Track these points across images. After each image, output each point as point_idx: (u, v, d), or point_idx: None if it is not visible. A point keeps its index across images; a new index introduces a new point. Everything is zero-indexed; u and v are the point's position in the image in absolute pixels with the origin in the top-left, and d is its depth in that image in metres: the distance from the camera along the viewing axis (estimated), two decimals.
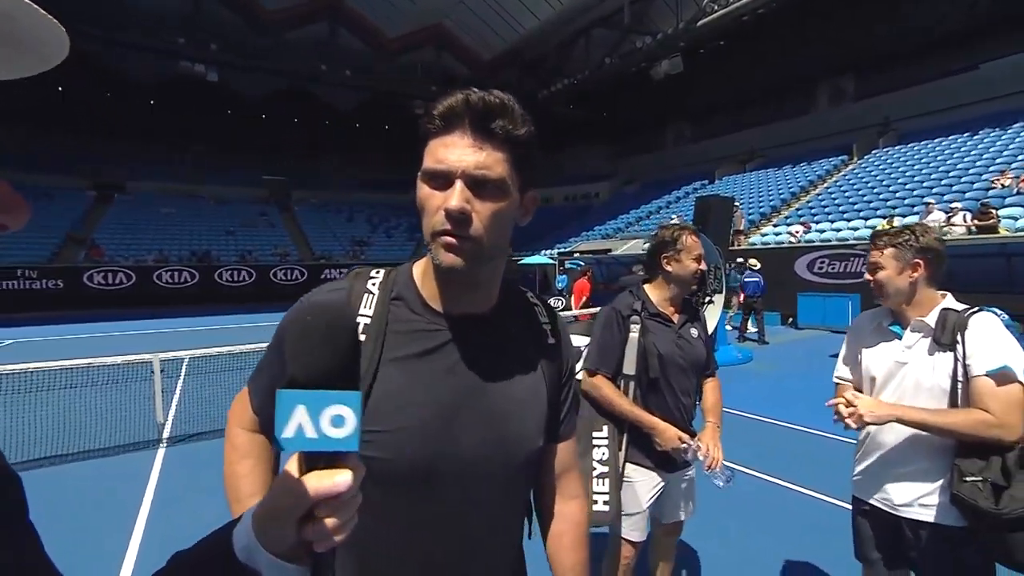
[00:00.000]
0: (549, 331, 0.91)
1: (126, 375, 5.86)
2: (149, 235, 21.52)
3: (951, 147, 15.77)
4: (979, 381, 1.43)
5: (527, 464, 0.84)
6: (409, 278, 0.83)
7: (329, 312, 0.53)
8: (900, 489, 1.58)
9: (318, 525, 0.45)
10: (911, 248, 1.56)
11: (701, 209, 9.79)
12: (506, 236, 0.78)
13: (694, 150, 28.27)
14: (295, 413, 0.44)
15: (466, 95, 0.71)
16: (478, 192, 0.71)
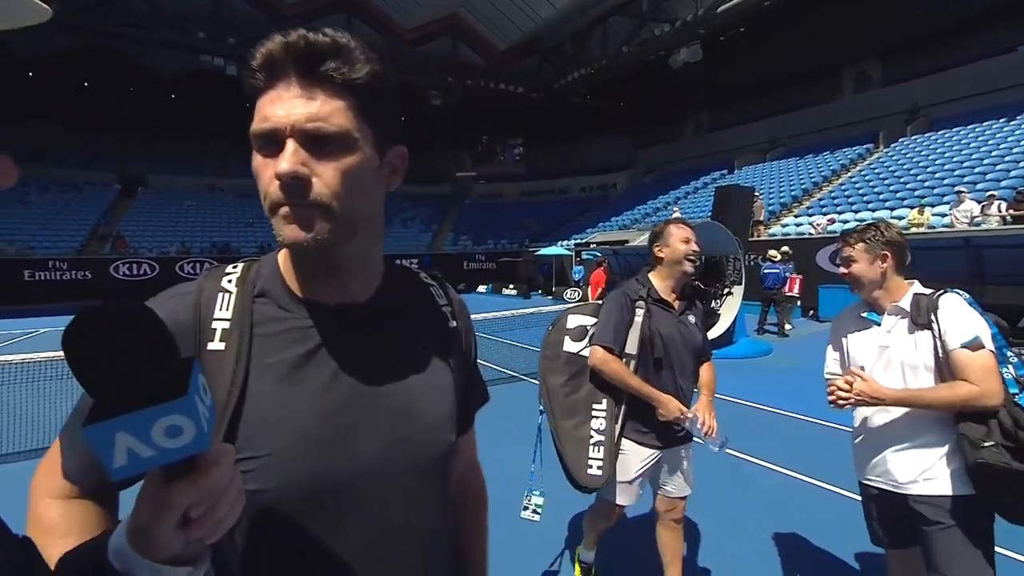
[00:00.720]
0: (449, 313, 0.81)
1: None
2: (171, 227, 22.02)
3: (985, 134, 15.17)
4: (956, 353, 1.56)
5: (440, 462, 0.74)
6: (275, 270, 0.70)
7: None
8: (902, 466, 1.66)
9: (200, 524, 0.43)
10: (878, 242, 1.73)
11: (720, 199, 9.64)
12: (366, 201, 0.65)
13: (713, 139, 27.76)
14: (118, 440, 0.37)
15: (284, 37, 0.59)
16: (316, 150, 0.59)
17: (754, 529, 2.99)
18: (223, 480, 0.44)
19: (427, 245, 25.08)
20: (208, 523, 0.43)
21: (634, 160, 31.86)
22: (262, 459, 0.61)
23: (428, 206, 29.88)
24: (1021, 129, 14.30)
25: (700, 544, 2.85)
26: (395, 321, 0.73)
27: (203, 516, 0.43)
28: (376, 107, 0.64)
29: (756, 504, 3.29)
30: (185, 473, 0.41)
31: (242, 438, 0.61)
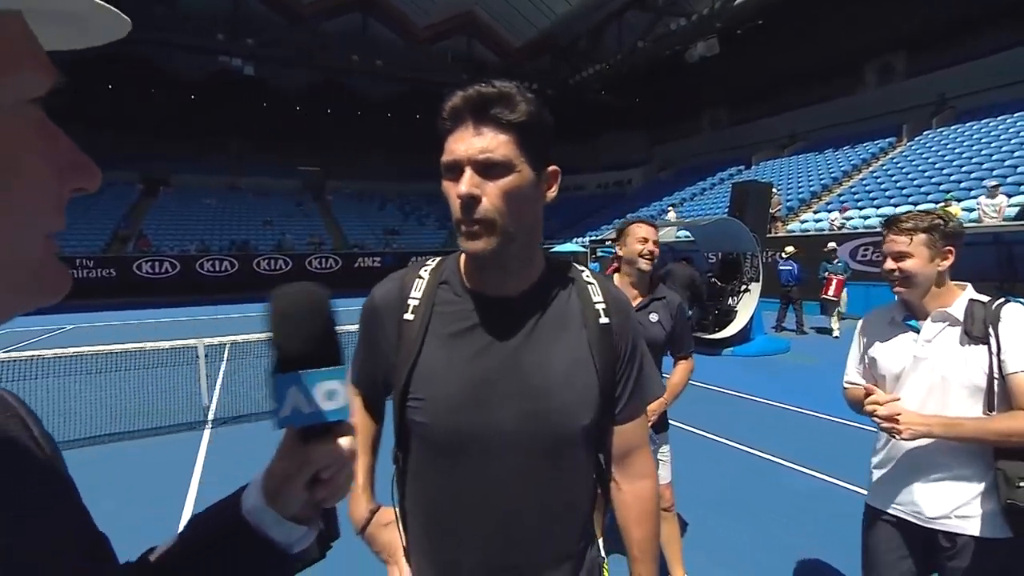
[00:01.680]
0: (603, 311, 0.91)
1: (174, 359, 6.16)
2: (192, 226, 22.43)
3: (1016, 125, 14.66)
4: (1020, 378, 1.33)
5: (576, 439, 0.86)
6: (456, 264, 0.92)
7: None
8: (934, 499, 1.45)
9: (326, 486, 0.50)
10: (942, 234, 1.46)
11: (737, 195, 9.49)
12: (527, 214, 0.82)
13: (730, 135, 27.32)
14: (288, 394, 0.48)
15: (464, 92, 0.78)
16: (486, 174, 0.77)
17: (778, 530, 2.95)
18: (350, 451, 0.51)
19: (443, 242, 25.19)
20: (332, 486, 0.50)
21: (650, 156, 31.54)
22: (424, 400, 0.84)
23: (443, 204, 29.74)
24: None
25: (720, 542, 2.82)
26: (543, 312, 0.88)
27: (331, 479, 0.50)
28: (532, 138, 0.80)
29: (778, 503, 3.25)
30: (323, 436, 0.49)
31: (415, 382, 0.84)
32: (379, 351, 0.92)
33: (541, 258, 0.91)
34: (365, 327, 0.96)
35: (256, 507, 0.49)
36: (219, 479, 3.72)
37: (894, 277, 1.51)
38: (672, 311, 2.22)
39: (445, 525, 0.86)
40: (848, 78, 22.56)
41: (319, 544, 0.53)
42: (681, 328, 2.24)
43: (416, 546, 0.91)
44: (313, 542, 0.52)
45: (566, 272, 0.94)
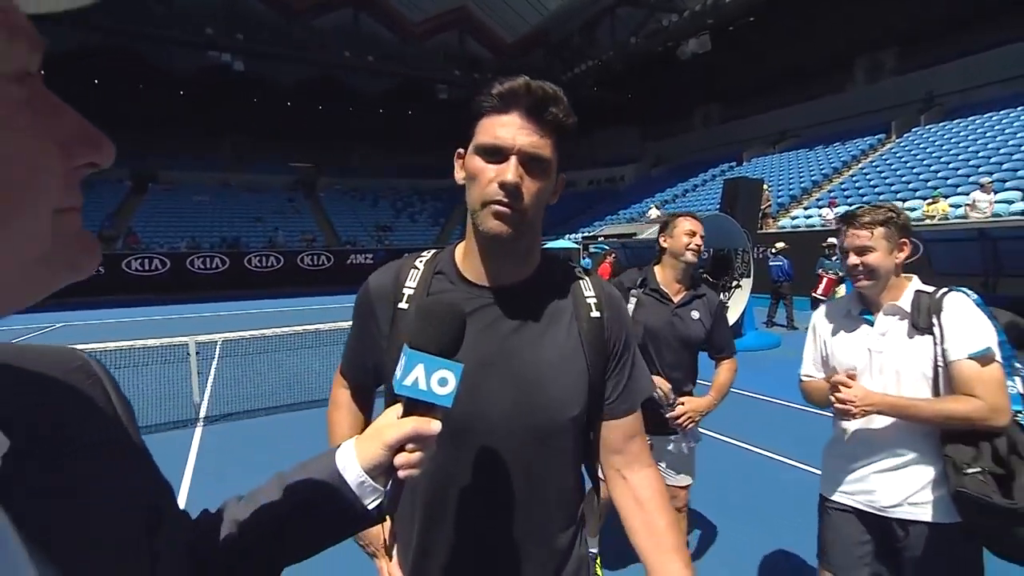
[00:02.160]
0: (594, 305, 0.92)
1: (164, 357, 6.11)
2: (182, 223, 22.20)
3: (1002, 123, 14.85)
4: (963, 365, 1.37)
5: (565, 430, 0.87)
6: (451, 256, 0.93)
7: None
8: (888, 488, 1.49)
9: (408, 455, 0.58)
10: (898, 228, 1.51)
11: (729, 191, 9.54)
12: (542, 213, 0.86)
13: (722, 131, 27.43)
14: (415, 368, 0.60)
15: (527, 82, 0.79)
16: (529, 170, 0.79)
17: (774, 522, 2.99)
18: (435, 436, 0.60)
19: (435, 239, 25.12)
20: (411, 460, 0.59)
21: (643, 153, 31.60)
22: None
23: (437, 200, 29.92)
24: None
25: (710, 532, 2.85)
26: (536, 304, 0.89)
27: (411, 455, 0.59)
28: (564, 144, 0.84)
29: (771, 496, 3.29)
30: (423, 414, 0.60)
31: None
32: (372, 340, 0.93)
33: (538, 253, 0.92)
34: (359, 316, 0.96)
35: (347, 457, 0.59)
36: (211, 477, 3.70)
37: (859, 272, 1.52)
38: (712, 309, 2.20)
39: (435, 514, 0.87)
40: (838, 75, 22.71)
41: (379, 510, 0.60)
42: (722, 327, 2.21)
43: (405, 535, 0.92)
44: (377, 505, 0.59)
45: (560, 267, 0.96)
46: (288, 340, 6.83)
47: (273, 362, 6.64)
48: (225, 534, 0.56)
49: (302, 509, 0.58)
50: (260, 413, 5.12)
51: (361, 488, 0.58)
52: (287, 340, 6.83)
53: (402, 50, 26.92)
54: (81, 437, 0.40)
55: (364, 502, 0.58)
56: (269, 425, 4.82)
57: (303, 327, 5.95)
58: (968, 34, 18.40)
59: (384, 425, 0.61)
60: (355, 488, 0.58)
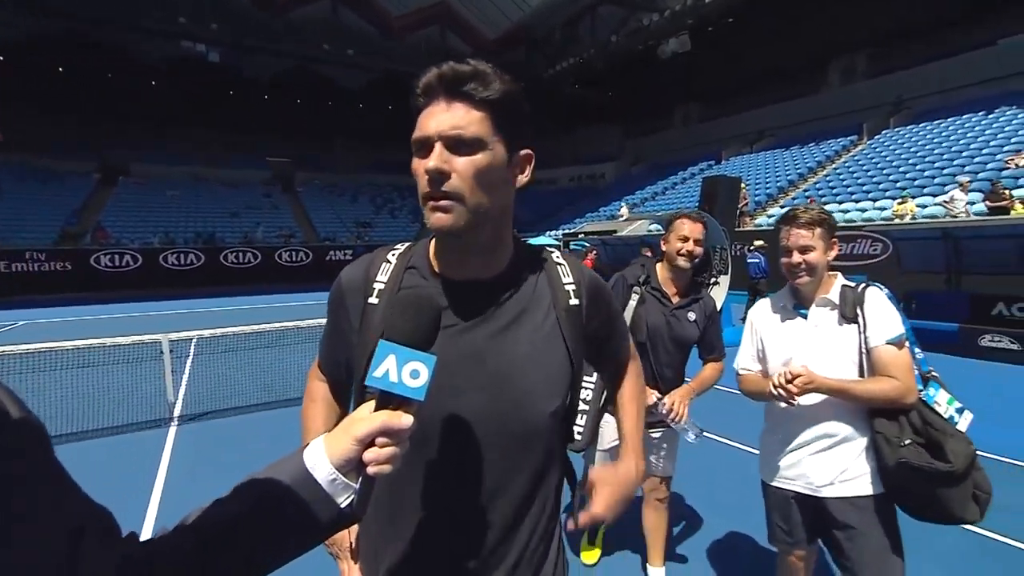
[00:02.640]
0: (572, 292, 0.90)
1: (136, 355, 5.95)
2: (154, 218, 21.57)
3: (966, 126, 15.41)
4: (881, 350, 1.54)
5: (544, 425, 0.85)
6: (425, 249, 0.90)
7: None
8: (820, 468, 1.62)
9: (378, 450, 0.57)
10: (830, 228, 1.64)
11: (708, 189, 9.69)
12: (497, 195, 0.79)
13: (701, 130, 27.81)
14: (386, 360, 0.59)
15: (439, 69, 0.76)
16: (455, 151, 0.75)
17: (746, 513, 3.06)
18: (408, 432, 0.59)
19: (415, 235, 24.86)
20: (382, 455, 0.57)
21: (623, 150, 31.84)
22: None
23: (416, 196, 29.41)
24: (999, 122, 14.57)
25: (688, 523, 2.91)
26: (513, 297, 0.86)
27: (382, 450, 0.58)
28: (506, 118, 0.78)
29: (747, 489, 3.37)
30: (394, 409, 0.59)
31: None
32: (343, 335, 0.90)
33: (511, 243, 0.88)
34: (331, 311, 0.93)
35: (316, 452, 0.57)
36: (185, 477, 3.63)
37: (800, 269, 1.64)
38: (707, 312, 2.27)
39: (409, 513, 0.84)
40: (813, 77, 23.23)
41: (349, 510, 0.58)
42: (713, 330, 2.28)
43: (375, 538, 0.88)
44: (349, 504, 0.57)
45: (536, 256, 0.93)
46: (266, 337, 6.72)
47: (251, 360, 6.53)
48: (183, 549, 0.51)
49: (270, 514, 0.55)
50: (237, 412, 5.03)
51: (333, 486, 0.56)
52: (265, 337, 6.72)
53: (383, 44, 26.59)
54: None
55: (337, 500, 0.56)
56: (246, 424, 4.74)
57: (281, 324, 5.86)
58: (934, 41, 19.03)
59: (354, 419, 0.59)
60: (326, 487, 0.56)
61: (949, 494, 1.43)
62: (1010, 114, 14.81)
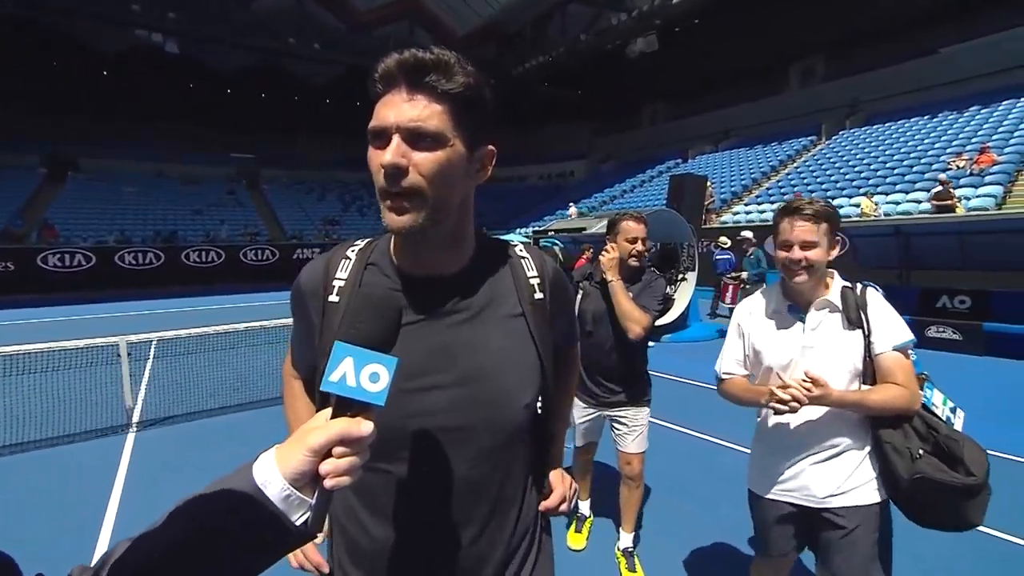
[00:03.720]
0: (537, 286, 0.89)
1: (90, 359, 5.68)
2: (109, 215, 20.57)
3: (912, 129, 16.24)
4: (888, 356, 1.45)
5: (515, 421, 0.83)
6: (386, 245, 0.86)
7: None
8: (821, 480, 1.52)
9: (335, 461, 0.53)
10: (835, 224, 1.49)
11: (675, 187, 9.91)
12: (457, 191, 0.77)
13: (669, 129, 28.40)
14: (343, 363, 0.55)
15: (399, 56, 0.72)
16: (415, 144, 0.72)
17: (719, 503, 3.16)
18: (368, 441, 0.55)
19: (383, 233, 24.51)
20: (340, 467, 0.53)
21: (592, 148, 32.19)
22: None
23: None
24: (942, 126, 15.42)
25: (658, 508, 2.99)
26: (478, 292, 0.84)
27: (340, 460, 0.53)
28: (468, 112, 0.75)
29: (716, 481, 3.47)
30: (353, 416, 0.55)
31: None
32: (307, 335, 0.88)
33: (473, 237, 0.87)
34: (294, 310, 0.91)
35: (266, 465, 0.53)
36: (145, 484, 3.49)
37: (800, 266, 1.47)
38: (659, 292, 2.42)
39: (385, 517, 0.81)
40: (775, 79, 24.06)
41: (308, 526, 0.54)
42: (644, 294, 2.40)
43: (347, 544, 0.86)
44: (304, 521, 0.53)
45: (500, 250, 0.91)
46: (231, 338, 6.53)
47: (215, 361, 6.32)
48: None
49: (215, 540, 0.50)
50: (201, 415, 4.87)
51: (287, 503, 0.51)
52: (230, 338, 6.52)
53: (350, 39, 26.03)
54: None
55: (291, 518, 0.51)
56: (211, 428, 4.60)
57: (246, 324, 5.69)
58: (885, 47, 20.00)
59: (309, 428, 0.55)
60: (279, 503, 0.51)
61: (970, 505, 1.36)
62: (951, 118, 15.71)
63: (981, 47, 17.49)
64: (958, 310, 7.44)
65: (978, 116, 15.08)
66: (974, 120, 14.89)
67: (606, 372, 2.46)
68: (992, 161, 11.76)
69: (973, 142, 13.28)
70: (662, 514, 3.04)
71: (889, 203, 11.80)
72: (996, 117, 14.50)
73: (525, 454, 0.89)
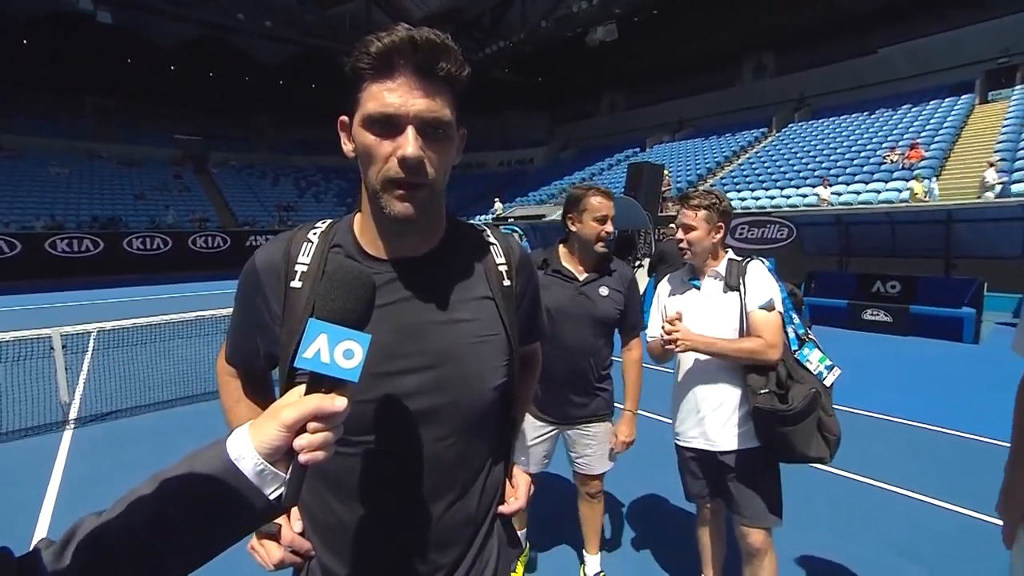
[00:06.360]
0: (505, 272, 0.87)
1: (20, 352, 5.30)
2: (36, 198, 19.05)
3: (853, 124, 17.17)
4: (755, 313, 1.74)
5: (486, 405, 0.82)
6: (349, 227, 0.83)
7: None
8: (716, 427, 1.83)
9: (309, 436, 0.53)
10: (718, 212, 1.81)
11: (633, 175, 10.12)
12: (446, 177, 0.78)
13: (627, 118, 28.86)
14: (318, 339, 0.55)
15: (410, 34, 0.67)
16: (429, 138, 0.70)
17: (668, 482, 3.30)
18: (342, 416, 0.55)
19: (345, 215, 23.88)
20: (314, 442, 0.53)
21: (552, 136, 32.31)
22: None
23: (343, 179, 28.42)
24: (880, 121, 16.39)
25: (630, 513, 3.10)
26: (447, 275, 0.82)
27: (315, 435, 0.53)
28: (460, 98, 0.74)
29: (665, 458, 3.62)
30: (326, 391, 0.55)
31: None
32: (261, 322, 0.81)
33: (443, 219, 0.85)
34: (244, 295, 0.83)
35: (240, 440, 0.53)
36: (82, 483, 3.33)
37: (683, 247, 1.86)
38: (625, 283, 2.07)
39: (346, 498, 0.79)
40: (729, 72, 24.85)
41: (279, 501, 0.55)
42: (633, 303, 2.09)
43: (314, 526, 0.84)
44: (279, 496, 0.54)
45: (468, 233, 0.89)
46: (178, 329, 6.23)
47: (162, 352, 6.04)
48: (78, 559, 0.45)
49: (190, 509, 0.50)
50: (147, 409, 4.66)
51: (260, 477, 0.52)
52: (177, 329, 6.23)
53: (303, 16, 24.91)
54: None
55: (265, 492, 0.53)
56: (158, 421, 4.41)
57: (194, 314, 5.45)
58: (831, 45, 21.02)
59: (282, 404, 0.55)
60: (253, 478, 0.52)
61: (792, 433, 1.64)
62: (888, 115, 16.69)
63: (913, 49, 18.67)
64: (890, 294, 8.00)
65: (909, 114, 16.09)
66: (906, 117, 15.88)
67: (570, 379, 2.05)
68: (920, 156, 12.61)
69: (905, 138, 14.17)
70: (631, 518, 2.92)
71: (832, 193, 12.45)
72: (924, 115, 15.54)
73: (491, 436, 0.88)
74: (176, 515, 0.50)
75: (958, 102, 15.66)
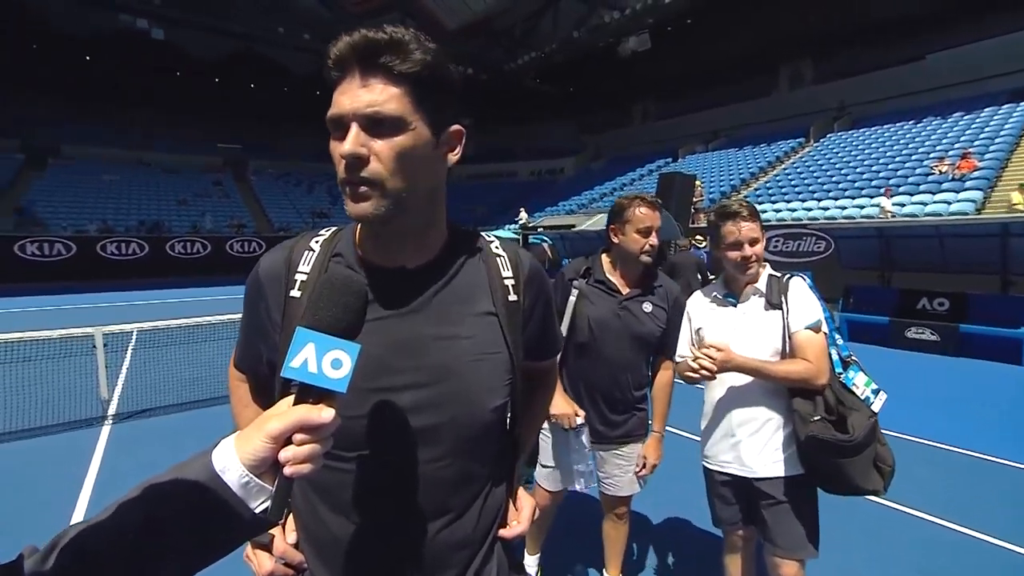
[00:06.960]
0: (512, 287, 0.84)
1: (66, 350, 5.57)
2: (90, 203, 20.17)
3: (898, 133, 16.47)
4: (800, 334, 1.65)
5: (485, 423, 0.79)
6: (351, 235, 0.82)
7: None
8: (752, 452, 1.73)
9: (295, 448, 0.52)
10: (761, 220, 1.75)
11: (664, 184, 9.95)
12: (422, 177, 0.73)
13: (659, 128, 28.52)
14: (305, 349, 0.54)
15: (352, 35, 0.68)
16: (374, 132, 0.68)
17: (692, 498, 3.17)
18: (330, 428, 0.54)
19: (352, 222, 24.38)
20: (300, 454, 0.52)
21: (582, 145, 32.22)
22: None
23: None
24: (926, 131, 15.66)
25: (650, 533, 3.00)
26: (447, 287, 0.79)
27: (301, 447, 0.52)
28: (430, 93, 0.71)
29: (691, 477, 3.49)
30: (315, 403, 0.54)
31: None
32: (264, 329, 0.81)
33: (444, 227, 0.82)
34: (249, 302, 0.83)
35: (225, 451, 0.52)
36: (117, 478, 3.43)
37: (753, 261, 1.72)
38: (669, 300, 1.97)
39: (341, 515, 0.77)
40: (765, 80, 24.29)
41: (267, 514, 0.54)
42: (673, 325, 1.96)
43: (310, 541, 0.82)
44: (265, 509, 0.53)
45: (473, 242, 0.85)
46: (215, 330, 6.42)
47: (198, 353, 6.24)
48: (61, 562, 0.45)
49: (182, 511, 0.50)
50: (182, 408, 4.80)
51: (245, 490, 0.51)
52: (213, 330, 6.42)
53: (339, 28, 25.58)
54: None
55: (250, 505, 0.51)
56: (191, 421, 4.53)
57: (230, 316, 5.61)
58: (874, 52, 20.33)
59: (269, 415, 0.54)
60: (238, 490, 0.51)
61: (850, 464, 1.54)
62: (935, 123, 15.95)
63: (964, 55, 17.82)
64: (937, 312, 7.57)
65: (961, 122, 15.33)
66: (957, 126, 15.13)
67: (608, 398, 1.95)
68: (973, 167, 11.97)
69: (956, 147, 13.49)
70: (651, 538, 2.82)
71: (873, 206, 11.95)
72: (978, 124, 14.76)
73: (490, 457, 0.84)
74: (168, 516, 0.49)
75: (1017, 108, 14.81)
